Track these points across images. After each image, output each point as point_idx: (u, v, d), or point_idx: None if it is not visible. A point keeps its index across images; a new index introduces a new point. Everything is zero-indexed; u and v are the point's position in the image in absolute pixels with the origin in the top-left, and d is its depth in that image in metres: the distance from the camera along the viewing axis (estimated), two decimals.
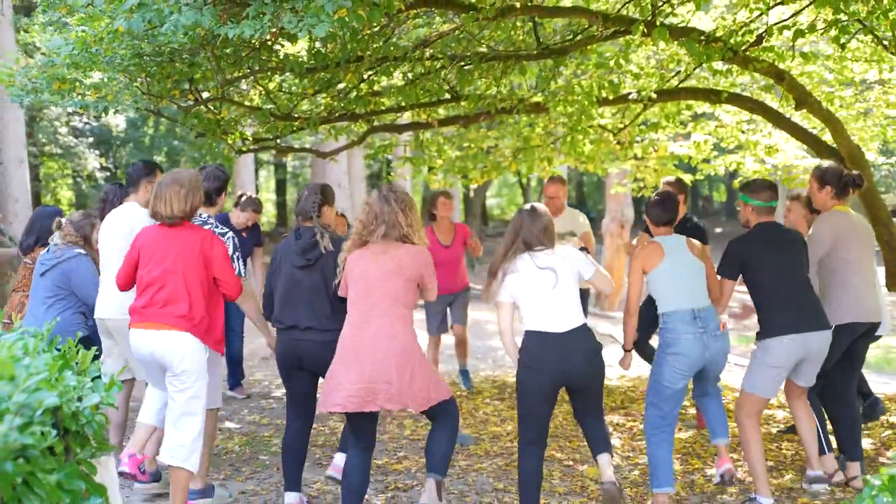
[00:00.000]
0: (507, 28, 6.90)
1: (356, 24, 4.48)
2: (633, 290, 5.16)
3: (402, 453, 6.32)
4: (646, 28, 5.74)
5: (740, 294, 7.59)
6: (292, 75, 6.99)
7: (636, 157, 9.96)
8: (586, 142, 8.38)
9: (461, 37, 6.88)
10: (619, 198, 16.26)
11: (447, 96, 7.80)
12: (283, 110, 7.47)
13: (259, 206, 7.92)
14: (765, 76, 7.03)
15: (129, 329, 4.77)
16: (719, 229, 38.00)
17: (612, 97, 7.63)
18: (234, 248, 5.26)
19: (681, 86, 7.73)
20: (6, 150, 12.67)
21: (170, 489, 4.72)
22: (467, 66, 6.92)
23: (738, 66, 6.73)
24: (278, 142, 8.62)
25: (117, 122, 23.26)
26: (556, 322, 4.58)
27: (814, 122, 8.33)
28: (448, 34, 6.89)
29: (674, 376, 4.93)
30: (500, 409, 7.80)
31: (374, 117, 8.23)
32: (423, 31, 7.19)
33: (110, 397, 2.97)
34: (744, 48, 6.23)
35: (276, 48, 6.50)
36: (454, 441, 4.60)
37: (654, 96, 7.36)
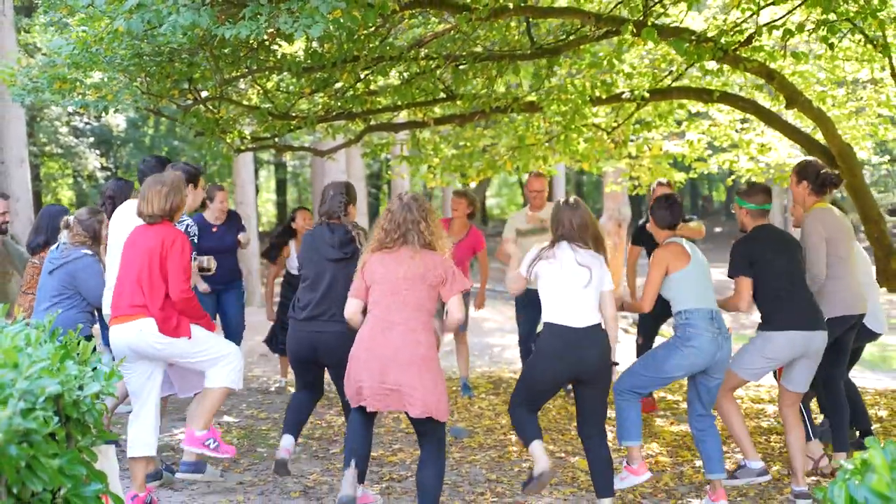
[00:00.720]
0: (501, 28, 7.01)
1: (351, 25, 4.59)
2: (651, 288, 5.14)
3: (398, 446, 6.43)
4: (635, 28, 5.84)
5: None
6: (290, 75, 7.10)
7: (630, 156, 10.07)
8: (580, 140, 8.47)
9: (456, 37, 6.98)
10: (617, 196, 16.36)
11: (443, 95, 7.90)
12: (280, 109, 7.58)
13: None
14: (755, 75, 7.13)
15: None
16: (719, 229, 38.11)
17: (605, 96, 7.72)
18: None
19: (673, 85, 7.84)
20: (7, 150, 12.75)
21: (199, 406, 5.00)
22: (462, 66, 7.03)
23: (729, 66, 6.83)
24: (276, 141, 8.72)
25: (118, 121, 23.35)
26: (578, 318, 4.71)
27: (806, 121, 8.42)
28: (443, 34, 6.99)
29: (680, 366, 5.01)
30: (494, 403, 7.91)
31: (370, 116, 8.34)
32: (419, 32, 7.30)
33: (110, 387, 3.08)
34: (734, 48, 6.32)
35: (274, 48, 6.60)
36: (443, 473, 4.61)
37: (647, 95, 7.46)
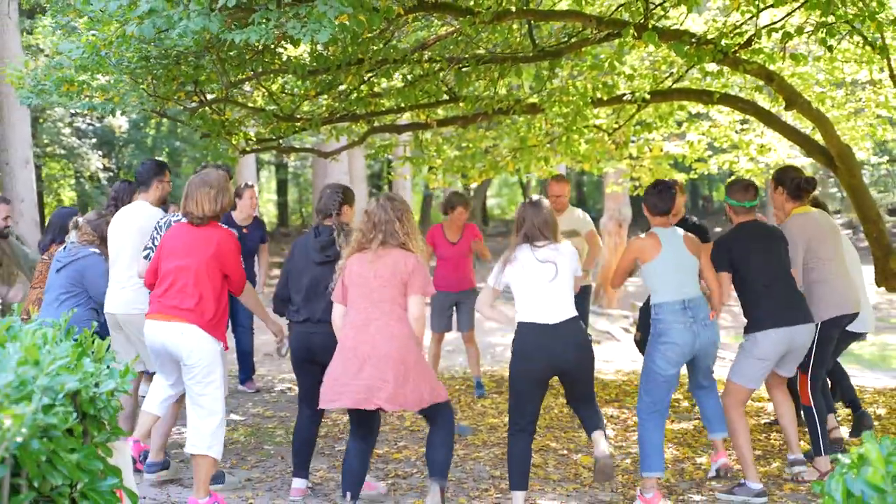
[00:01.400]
0: (503, 31, 7.08)
1: (357, 29, 4.66)
2: (619, 270, 5.41)
3: (402, 443, 6.52)
4: (636, 31, 5.91)
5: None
6: (295, 77, 7.17)
7: (631, 157, 10.14)
8: (582, 142, 8.55)
9: (459, 39, 7.06)
10: (617, 197, 16.45)
11: (446, 97, 7.98)
12: (286, 111, 7.66)
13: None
14: (755, 77, 7.21)
15: (145, 320, 4.97)
16: (719, 228, 38.13)
17: (606, 98, 7.79)
18: None
19: (674, 87, 7.91)
20: (12, 151, 12.84)
21: (193, 476, 4.94)
22: (465, 68, 7.10)
23: (729, 68, 6.91)
24: (281, 142, 8.80)
25: (120, 122, 23.43)
26: (549, 314, 4.78)
27: (805, 122, 8.50)
28: (446, 37, 7.07)
29: (666, 364, 5.11)
30: (497, 401, 7.99)
31: (374, 118, 8.41)
32: (422, 34, 7.38)
33: (125, 384, 3.15)
34: (734, 50, 6.40)
35: (279, 51, 6.68)
36: (452, 445, 4.76)
37: (648, 97, 7.54)
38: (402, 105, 7.90)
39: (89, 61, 5.98)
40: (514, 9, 6.14)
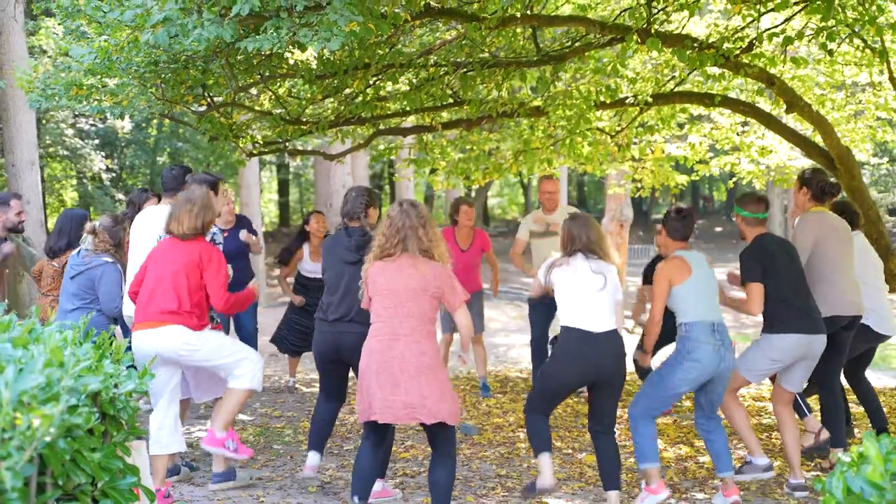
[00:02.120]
0: (507, 36, 7.17)
1: (365, 36, 4.75)
2: (658, 302, 5.28)
3: (409, 442, 6.61)
4: (639, 37, 6.00)
5: (720, 268, 7.85)
6: (302, 81, 7.25)
7: (633, 159, 10.23)
8: (585, 144, 8.63)
9: (464, 44, 7.15)
10: (618, 197, 16.55)
11: (450, 101, 8.04)
12: (292, 115, 7.74)
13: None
14: (756, 80, 7.29)
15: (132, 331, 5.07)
16: (719, 228, 38.28)
17: (609, 101, 7.88)
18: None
19: (676, 90, 8.00)
20: (18, 153, 12.91)
21: (222, 407, 5.20)
22: (470, 73, 7.18)
23: (730, 72, 6.99)
24: (287, 145, 8.88)
25: (123, 123, 23.51)
26: (594, 322, 4.88)
27: (806, 125, 8.58)
28: (451, 42, 7.15)
29: (684, 381, 5.13)
30: (502, 401, 8.08)
31: (379, 121, 8.49)
32: (428, 39, 7.46)
33: (143, 385, 3.24)
34: (735, 54, 6.48)
35: (286, 55, 6.76)
36: (454, 470, 4.75)
37: (650, 100, 7.62)
38: (408, 108, 7.98)
39: (100, 66, 6.06)
40: (518, 14, 6.22)
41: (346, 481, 5.60)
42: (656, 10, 6.57)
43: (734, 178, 10.75)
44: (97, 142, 23.19)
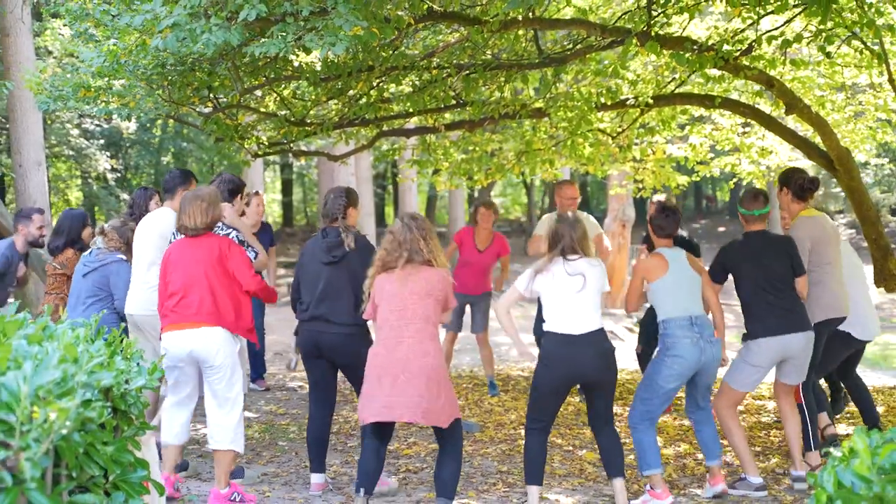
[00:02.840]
0: (510, 38, 7.25)
1: (369, 40, 4.84)
2: (631, 294, 5.52)
3: (412, 440, 6.71)
4: (639, 40, 6.07)
5: None
6: (307, 83, 7.34)
7: (635, 160, 10.29)
8: (586, 145, 8.71)
9: (466, 46, 7.23)
10: (621, 198, 16.62)
11: (453, 102, 8.13)
12: (297, 116, 7.84)
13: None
14: (756, 82, 7.36)
15: (162, 333, 5.15)
16: (722, 228, 38.23)
17: (610, 103, 7.95)
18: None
19: (676, 91, 8.07)
20: (25, 154, 13.00)
21: (215, 469, 5.12)
22: (472, 75, 7.27)
23: (730, 74, 7.07)
24: (291, 146, 8.97)
25: (127, 124, 23.61)
26: (575, 324, 4.97)
27: (806, 125, 8.64)
28: (454, 44, 7.24)
29: (670, 377, 5.27)
30: (504, 399, 8.18)
31: (383, 122, 8.58)
32: (431, 42, 7.55)
33: (153, 381, 3.33)
34: (734, 57, 6.55)
35: (291, 58, 6.85)
36: (460, 466, 4.90)
37: (651, 102, 7.69)
38: (411, 110, 8.06)
39: (108, 69, 6.16)
40: (520, 18, 6.31)
41: (350, 477, 5.71)
42: (656, 14, 6.64)
43: (734, 179, 10.81)
44: (102, 142, 23.30)
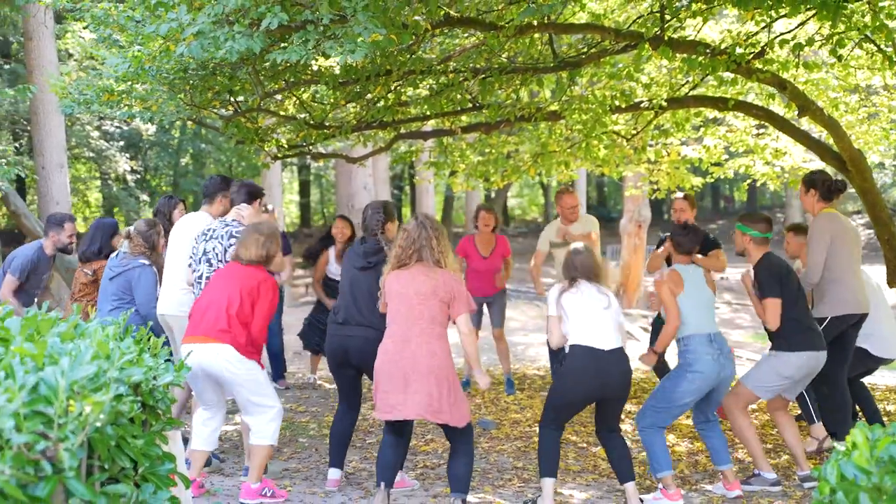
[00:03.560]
0: (525, 42, 7.36)
1: (387, 46, 4.96)
2: (672, 309, 5.46)
3: (430, 436, 6.84)
4: (652, 44, 6.17)
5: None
6: (325, 87, 7.48)
7: (649, 161, 10.37)
8: (601, 147, 8.81)
9: (482, 50, 7.34)
10: (637, 199, 16.69)
11: (469, 106, 8.25)
12: (316, 119, 7.98)
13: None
14: (768, 85, 7.43)
15: (182, 343, 5.28)
16: None
17: (624, 105, 8.05)
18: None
19: (690, 94, 8.15)
20: (48, 156, 13.23)
21: (250, 463, 5.27)
22: (488, 78, 7.38)
23: (743, 77, 7.15)
24: (310, 148, 9.11)
25: (147, 126, 23.84)
26: (602, 339, 5.10)
27: (820, 128, 8.70)
28: (470, 49, 7.35)
29: (688, 392, 5.37)
30: (519, 398, 8.29)
31: (400, 125, 8.70)
32: (447, 46, 7.66)
33: (180, 377, 3.47)
34: (747, 60, 6.63)
35: (311, 63, 6.98)
36: (472, 462, 5.02)
37: (665, 104, 7.78)
38: (428, 113, 8.19)
39: (132, 74, 6.30)
40: (535, 23, 6.41)
41: (369, 472, 5.84)
42: (670, 18, 6.74)
43: (749, 180, 10.88)
44: (122, 143, 23.56)
